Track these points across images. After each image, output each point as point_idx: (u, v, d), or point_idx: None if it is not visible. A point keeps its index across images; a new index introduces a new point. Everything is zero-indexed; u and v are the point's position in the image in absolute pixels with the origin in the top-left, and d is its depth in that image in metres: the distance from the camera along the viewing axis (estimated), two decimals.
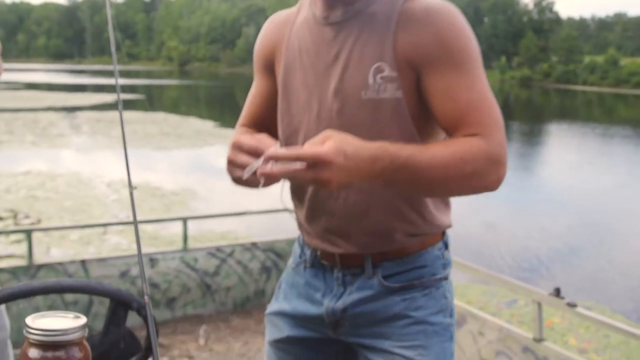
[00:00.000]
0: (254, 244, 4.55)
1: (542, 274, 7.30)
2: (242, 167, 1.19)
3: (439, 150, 1.24)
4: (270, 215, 4.98)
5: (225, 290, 4.44)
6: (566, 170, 15.05)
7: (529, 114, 32.59)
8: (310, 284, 1.55)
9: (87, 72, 72.63)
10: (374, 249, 1.46)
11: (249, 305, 4.53)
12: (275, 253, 4.55)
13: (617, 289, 6.99)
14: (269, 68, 1.55)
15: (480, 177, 1.25)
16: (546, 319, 3.68)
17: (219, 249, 4.46)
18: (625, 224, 10.09)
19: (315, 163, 1.11)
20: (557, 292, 3.10)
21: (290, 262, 1.66)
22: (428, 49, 1.32)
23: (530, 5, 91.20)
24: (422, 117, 1.36)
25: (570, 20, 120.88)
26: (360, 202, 1.42)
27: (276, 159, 1.13)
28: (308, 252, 1.57)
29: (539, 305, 3.14)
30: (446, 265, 1.52)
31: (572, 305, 3.03)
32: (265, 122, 1.57)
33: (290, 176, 1.15)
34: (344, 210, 1.43)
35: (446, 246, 1.52)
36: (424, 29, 1.33)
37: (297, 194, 1.54)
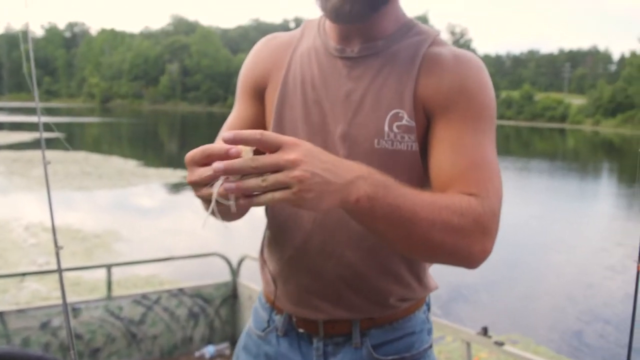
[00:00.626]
0: (181, 290, 4.45)
1: (466, 309, 7.42)
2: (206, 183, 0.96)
3: (429, 194, 1.10)
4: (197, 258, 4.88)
5: (151, 339, 4.32)
6: None
7: None
8: (284, 356, 1.38)
9: (3, 110, 70.25)
10: (364, 314, 1.31)
11: (177, 353, 4.42)
12: (202, 299, 4.47)
13: (540, 321, 7.17)
14: (257, 94, 1.40)
15: (467, 238, 1.10)
16: (474, 355, 3.73)
17: (144, 296, 4.35)
18: (544, 256, 10.42)
19: (283, 164, 0.92)
20: (485, 331, 3.16)
21: (252, 327, 1.47)
22: (449, 95, 1.21)
23: (449, 43, 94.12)
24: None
25: (487, 57, 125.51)
26: (357, 262, 1.27)
27: (227, 157, 0.93)
28: (278, 318, 1.40)
29: (468, 344, 3.19)
30: (430, 330, 1.41)
31: (499, 344, 3.09)
32: None
33: (255, 186, 0.92)
34: (336, 270, 1.28)
35: (429, 308, 1.42)
36: (450, 74, 1.22)
37: (278, 243, 1.37)
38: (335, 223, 1.26)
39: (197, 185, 0.97)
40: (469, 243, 1.09)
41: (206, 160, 0.95)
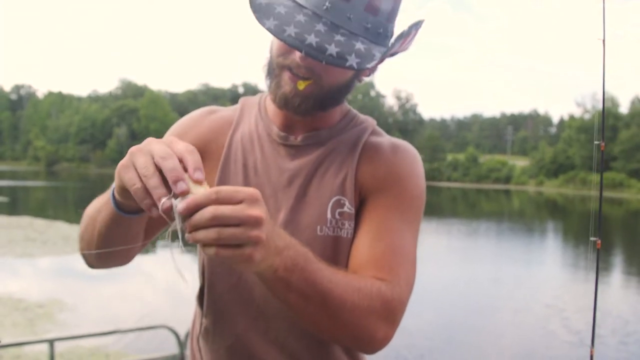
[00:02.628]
0: None
1: None
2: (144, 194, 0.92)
3: (343, 273, 1.12)
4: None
5: None
6: (436, 267, 15.57)
7: None
8: None
9: None
10: None
11: None
12: None
13: None
14: None
15: (373, 322, 1.12)
16: None
17: None
18: (492, 317, 10.49)
19: (245, 219, 0.89)
20: None
21: None
22: (382, 181, 1.26)
23: (395, 108, 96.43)
24: None
25: (432, 121, 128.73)
26: (300, 350, 1.27)
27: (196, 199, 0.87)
28: None
29: None
30: None
31: None
32: None
33: (202, 234, 0.88)
34: (279, 359, 1.28)
35: None
36: (385, 162, 1.28)
37: (217, 331, 1.33)
38: (277, 310, 1.26)
39: (130, 172, 0.94)
40: (374, 327, 1.12)
41: (163, 163, 0.91)
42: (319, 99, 1.24)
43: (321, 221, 1.25)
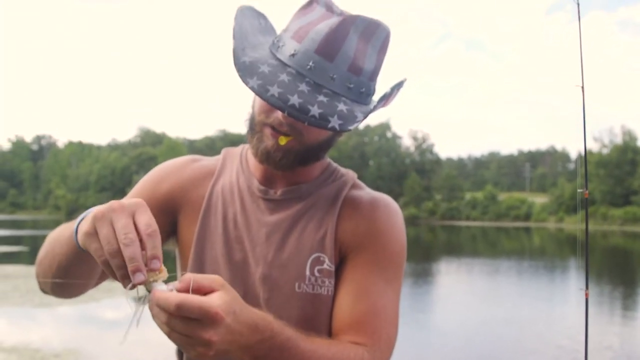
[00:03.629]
0: None
1: None
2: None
3: (322, 345, 1.11)
4: None
5: None
6: (457, 309, 15.36)
7: (419, 253, 33.52)
8: None
9: None
10: None
11: None
12: None
13: None
14: (165, 208, 1.35)
15: None
16: None
17: None
18: (514, 355, 10.30)
19: (200, 317, 0.90)
20: None
21: None
22: (362, 238, 1.25)
23: (412, 148, 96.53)
24: None
25: (450, 161, 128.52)
26: None
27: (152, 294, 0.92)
28: None
29: None
30: None
31: None
32: None
33: (157, 321, 0.94)
34: None
35: None
36: (365, 218, 1.27)
37: None
38: None
39: (95, 243, 0.96)
40: None
41: (124, 250, 0.92)
42: (300, 154, 1.25)
43: (300, 278, 1.25)
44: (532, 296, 17.71)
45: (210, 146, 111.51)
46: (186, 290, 0.91)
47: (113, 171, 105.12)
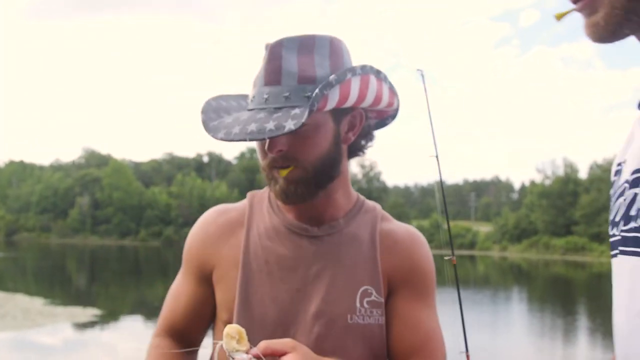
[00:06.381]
0: None
1: None
2: None
3: None
4: None
5: None
6: None
7: None
8: None
9: None
10: None
11: None
12: None
13: None
14: (203, 275, 1.42)
15: None
16: None
17: None
18: None
19: None
20: None
21: None
22: (406, 274, 1.37)
23: (359, 176, 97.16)
24: None
25: (396, 189, 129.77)
26: None
27: None
28: None
29: None
30: None
31: None
32: (187, 331, 1.44)
33: None
34: None
35: None
36: (407, 255, 1.39)
37: None
38: None
39: None
40: None
41: None
42: (310, 179, 1.31)
43: (351, 310, 1.31)
44: (476, 325, 17.96)
45: (156, 169, 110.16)
46: (262, 356, 1.03)
47: (56, 192, 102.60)
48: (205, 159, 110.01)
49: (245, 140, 1.20)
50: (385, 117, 1.50)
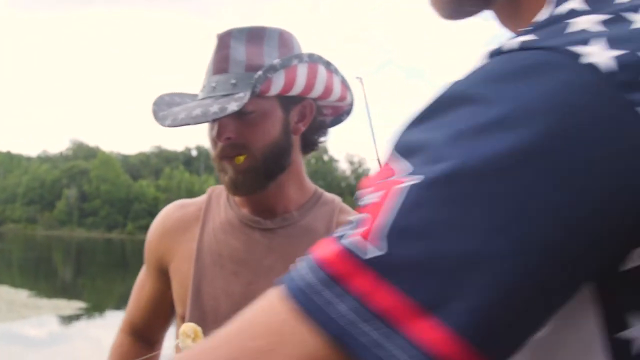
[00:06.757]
0: None
1: None
2: None
3: None
4: None
5: None
6: None
7: None
8: None
9: None
10: None
11: None
12: None
13: None
14: (162, 268, 1.44)
15: None
16: None
17: None
18: None
19: None
20: None
21: None
22: None
23: (348, 172, 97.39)
24: None
25: None
26: None
27: None
28: None
29: None
30: None
31: None
32: (148, 326, 1.47)
33: None
34: None
35: None
36: None
37: None
38: None
39: None
40: None
41: None
42: (259, 168, 1.31)
43: None
44: None
45: (145, 162, 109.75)
46: None
47: (42, 184, 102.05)
48: (194, 153, 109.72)
49: (189, 124, 1.22)
50: (340, 113, 1.49)
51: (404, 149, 0.49)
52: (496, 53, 0.51)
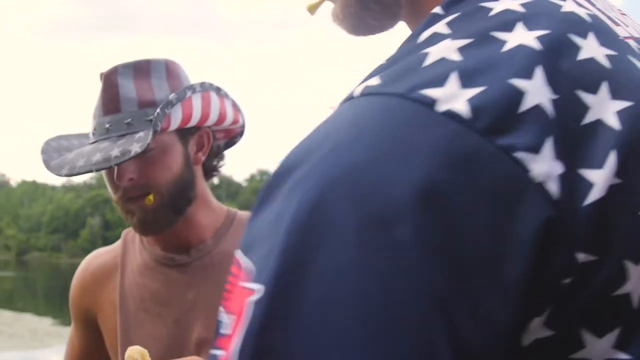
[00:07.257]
0: None
1: None
2: None
3: None
4: None
5: None
6: None
7: None
8: None
9: None
10: None
11: None
12: None
13: None
14: (89, 323, 1.41)
15: None
16: None
17: None
18: None
19: None
20: None
21: None
22: None
23: None
24: None
25: None
26: None
27: None
28: None
29: None
30: None
31: None
32: None
33: None
34: None
35: None
36: None
37: None
38: None
39: None
40: None
41: None
42: (168, 205, 1.27)
43: None
44: None
45: None
46: None
47: (67, 212, 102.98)
48: (216, 181, 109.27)
49: (91, 171, 1.19)
50: (233, 135, 1.46)
51: (246, 243, 0.44)
52: (346, 99, 0.44)
